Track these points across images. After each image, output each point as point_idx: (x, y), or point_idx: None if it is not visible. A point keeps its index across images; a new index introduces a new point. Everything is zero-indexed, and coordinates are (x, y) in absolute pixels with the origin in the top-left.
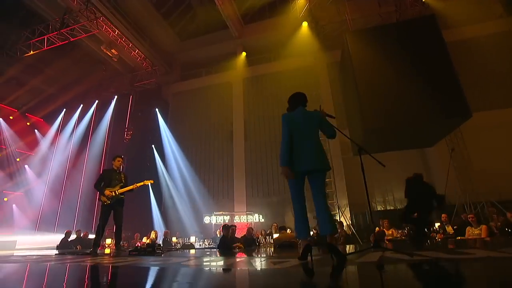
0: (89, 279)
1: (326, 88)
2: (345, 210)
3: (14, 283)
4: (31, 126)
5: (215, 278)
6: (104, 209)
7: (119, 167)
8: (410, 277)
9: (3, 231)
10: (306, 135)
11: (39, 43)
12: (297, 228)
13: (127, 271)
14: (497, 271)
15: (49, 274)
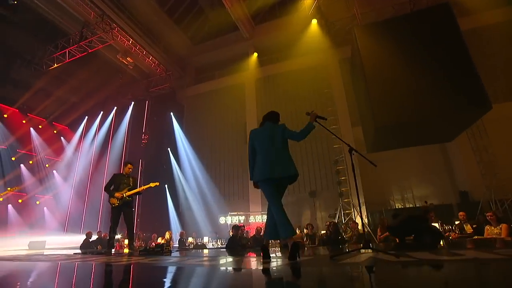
0: (81, 276)
1: (338, 85)
2: (361, 209)
3: (16, 278)
4: (57, 134)
5: (188, 275)
6: (114, 211)
7: (128, 172)
8: (380, 278)
9: (36, 232)
10: (266, 148)
11: (62, 56)
12: (285, 228)
13: (121, 269)
14: (470, 273)
15: (52, 271)
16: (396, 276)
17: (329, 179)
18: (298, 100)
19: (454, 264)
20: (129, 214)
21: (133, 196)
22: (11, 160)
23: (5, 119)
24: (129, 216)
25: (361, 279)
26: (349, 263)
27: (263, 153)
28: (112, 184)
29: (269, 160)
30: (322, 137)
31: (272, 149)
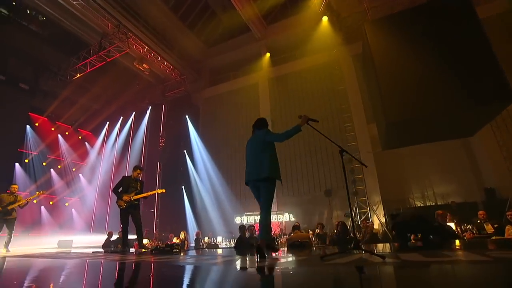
0: (90, 270)
1: (352, 81)
2: (378, 207)
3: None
4: (82, 140)
5: (174, 272)
6: (122, 213)
7: (137, 177)
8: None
9: (65, 232)
10: (250, 153)
11: (83, 67)
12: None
13: (127, 265)
14: (445, 276)
15: (65, 265)
16: (369, 277)
17: (348, 178)
18: (311, 98)
19: (433, 265)
20: (137, 215)
21: (139, 199)
22: (42, 165)
23: (36, 127)
24: (136, 217)
25: (330, 278)
26: (333, 264)
27: (247, 159)
28: (120, 186)
29: (248, 165)
30: (337, 135)
31: (252, 154)
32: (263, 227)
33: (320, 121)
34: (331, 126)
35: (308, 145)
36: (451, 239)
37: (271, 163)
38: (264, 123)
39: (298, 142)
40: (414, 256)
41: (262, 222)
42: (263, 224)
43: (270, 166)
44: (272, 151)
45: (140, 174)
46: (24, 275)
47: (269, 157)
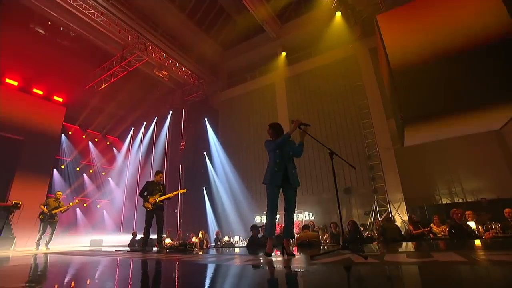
0: (105, 266)
1: (370, 76)
2: (400, 205)
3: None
4: (110, 145)
5: (173, 268)
6: (148, 214)
7: (159, 180)
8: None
9: (97, 232)
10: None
11: (108, 77)
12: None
13: (134, 262)
14: (413, 276)
15: (86, 261)
16: (338, 275)
17: (364, 175)
18: (328, 96)
19: (408, 266)
20: (161, 216)
21: (163, 200)
22: (76, 170)
23: (70, 135)
24: (160, 218)
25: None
26: (318, 263)
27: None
28: (145, 190)
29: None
30: (356, 132)
31: None
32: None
33: (337, 118)
34: (350, 122)
35: (327, 142)
36: (468, 238)
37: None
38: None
39: (317, 137)
40: (398, 256)
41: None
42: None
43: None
44: (270, 158)
45: (162, 177)
46: (53, 268)
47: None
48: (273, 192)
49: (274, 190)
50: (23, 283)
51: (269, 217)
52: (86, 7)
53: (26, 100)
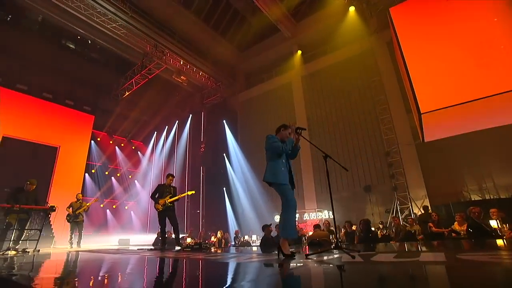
0: (122, 262)
1: (388, 69)
2: (423, 202)
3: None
4: (135, 149)
5: (178, 265)
6: (160, 216)
7: (170, 183)
8: None
9: (126, 232)
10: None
11: (130, 85)
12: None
13: (149, 259)
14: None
15: (106, 258)
16: (327, 272)
17: (384, 172)
18: (346, 92)
19: (389, 265)
20: (173, 217)
21: (174, 202)
22: (105, 174)
23: (98, 141)
24: (173, 219)
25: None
26: (310, 262)
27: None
28: (157, 193)
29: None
30: (375, 128)
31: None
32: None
33: (355, 115)
34: (368, 119)
35: (343, 140)
36: (487, 237)
37: (268, 169)
38: (278, 129)
39: (335, 137)
40: (385, 257)
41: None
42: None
43: (267, 171)
44: (274, 156)
45: (172, 180)
46: (81, 263)
47: (269, 163)
48: (290, 190)
49: (290, 188)
50: (53, 273)
51: (290, 216)
52: (108, 21)
53: (60, 111)
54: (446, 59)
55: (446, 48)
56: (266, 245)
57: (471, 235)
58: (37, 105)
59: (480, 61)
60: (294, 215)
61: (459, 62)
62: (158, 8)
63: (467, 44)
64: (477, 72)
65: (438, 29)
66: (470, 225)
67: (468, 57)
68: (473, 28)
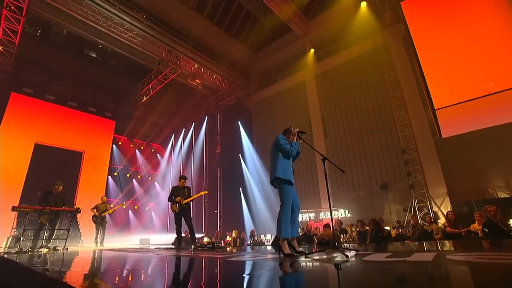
0: (136, 259)
1: (404, 63)
2: (444, 200)
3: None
4: (154, 152)
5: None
6: (176, 217)
7: (183, 185)
8: None
9: (147, 231)
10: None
11: (148, 91)
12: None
13: (167, 258)
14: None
15: (125, 256)
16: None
17: (401, 170)
18: (360, 89)
19: (375, 265)
20: (188, 217)
21: (189, 203)
22: (126, 176)
23: (119, 145)
24: (188, 220)
25: None
26: (303, 260)
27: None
28: (172, 195)
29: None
30: (391, 125)
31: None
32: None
33: (370, 112)
34: (384, 115)
35: (359, 136)
36: (505, 238)
37: (273, 168)
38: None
39: (350, 135)
40: (379, 256)
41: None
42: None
43: (273, 171)
44: (280, 157)
45: (185, 182)
46: (99, 260)
47: (274, 163)
48: (292, 191)
49: (291, 189)
50: (78, 268)
51: (286, 217)
52: (125, 31)
53: (84, 118)
54: (460, 53)
55: (460, 41)
56: (277, 245)
57: (487, 235)
58: (63, 113)
59: (496, 53)
60: (289, 215)
61: (473, 55)
62: (171, 15)
63: (481, 36)
64: (494, 65)
65: (451, 22)
66: (486, 224)
67: (483, 49)
68: (488, 18)
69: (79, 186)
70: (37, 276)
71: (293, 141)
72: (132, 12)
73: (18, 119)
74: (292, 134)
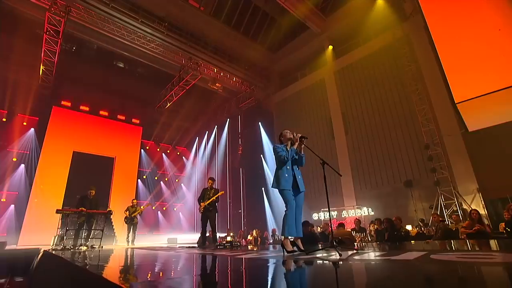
0: (160, 256)
1: (427, 55)
2: (475, 197)
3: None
4: (180, 155)
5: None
6: (202, 217)
7: (210, 186)
8: None
9: (175, 231)
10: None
11: (171, 97)
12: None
13: (181, 255)
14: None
15: (153, 254)
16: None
17: (427, 166)
18: (381, 84)
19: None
20: (212, 217)
21: (213, 204)
22: (154, 179)
23: (147, 150)
24: (211, 219)
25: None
26: (303, 258)
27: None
28: (200, 197)
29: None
30: (414, 119)
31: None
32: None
33: (392, 107)
34: (406, 110)
35: (383, 133)
36: None
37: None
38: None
39: (372, 131)
40: (368, 255)
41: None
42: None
43: (273, 178)
44: (278, 164)
45: (212, 183)
46: (131, 258)
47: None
48: (291, 195)
49: (291, 193)
50: (107, 263)
51: (290, 217)
52: (147, 43)
53: (114, 126)
54: (481, 41)
55: (481, 30)
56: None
57: (510, 234)
58: (96, 122)
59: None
60: (293, 216)
61: (496, 43)
62: (190, 23)
63: (504, 24)
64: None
65: (470, 7)
66: (508, 223)
67: (507, 38)
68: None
69: (112, 190)
70: (78, 269)
71: (292, 147)
72: (153, 24)
73: (58, 130)
74: (283, 136)
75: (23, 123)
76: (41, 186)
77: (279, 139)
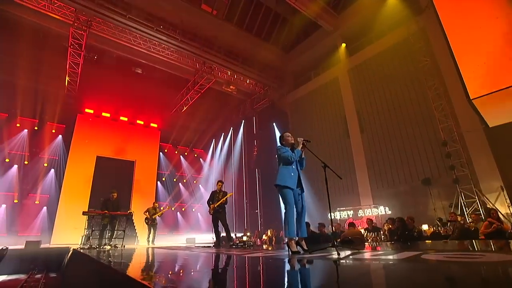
0: (176, 255)
1: (443, 48)
2: (499, 195)
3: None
4: (197, 157)
5: (206, 259)
6: (212, 218)
7: (219, 188)
8: None
9: (194, 231)
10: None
11: (187, 101)
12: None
13: (204, 254)
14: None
15: (172, 253)
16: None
17: (446, 164)
18: (396, 80)
19: (353, 263)
20: (222, 218)
21: (222, 206)
22: (173, 181)
23: (165, 153)
24: (222, 220)
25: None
26: (304, 257)
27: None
28: (209, 200)
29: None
30: (432, 116)
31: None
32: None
33: (408, 103)
34: (423, 106)
35: (399, 131)
36: None
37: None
38: (280, 139)
39: (388, 128)
40: (366, 255)
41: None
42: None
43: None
44: (283, 163)
45: (221, 186)
46: (149, 257)
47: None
48: (291, 195)
49: (291, 193)
50: (125, 259)
51: (290, 217)
52: (162, 50)
53: (133, 130)
54: (495, 35)
55: (495, 21)
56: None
57: None
58: (117, 127)
59: None
60: (293, 216)
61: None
62: (203, 28)
63: None
64: None
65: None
66: None
67: None
68: None
69: (133, 192)
70: (104, 267)
71: (297, 148)
72: (168, 31)
73: (83, 136)
74: (285, 140)
75: (52, 131)
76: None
77: (280, 141)
